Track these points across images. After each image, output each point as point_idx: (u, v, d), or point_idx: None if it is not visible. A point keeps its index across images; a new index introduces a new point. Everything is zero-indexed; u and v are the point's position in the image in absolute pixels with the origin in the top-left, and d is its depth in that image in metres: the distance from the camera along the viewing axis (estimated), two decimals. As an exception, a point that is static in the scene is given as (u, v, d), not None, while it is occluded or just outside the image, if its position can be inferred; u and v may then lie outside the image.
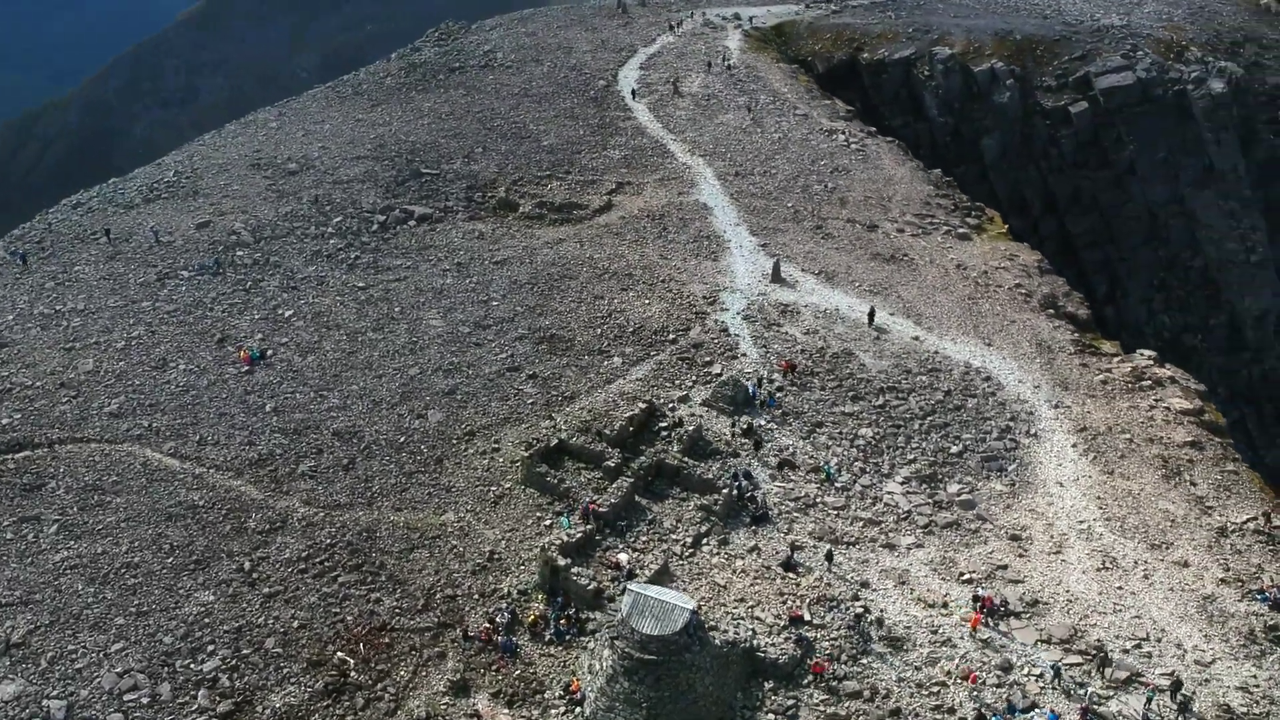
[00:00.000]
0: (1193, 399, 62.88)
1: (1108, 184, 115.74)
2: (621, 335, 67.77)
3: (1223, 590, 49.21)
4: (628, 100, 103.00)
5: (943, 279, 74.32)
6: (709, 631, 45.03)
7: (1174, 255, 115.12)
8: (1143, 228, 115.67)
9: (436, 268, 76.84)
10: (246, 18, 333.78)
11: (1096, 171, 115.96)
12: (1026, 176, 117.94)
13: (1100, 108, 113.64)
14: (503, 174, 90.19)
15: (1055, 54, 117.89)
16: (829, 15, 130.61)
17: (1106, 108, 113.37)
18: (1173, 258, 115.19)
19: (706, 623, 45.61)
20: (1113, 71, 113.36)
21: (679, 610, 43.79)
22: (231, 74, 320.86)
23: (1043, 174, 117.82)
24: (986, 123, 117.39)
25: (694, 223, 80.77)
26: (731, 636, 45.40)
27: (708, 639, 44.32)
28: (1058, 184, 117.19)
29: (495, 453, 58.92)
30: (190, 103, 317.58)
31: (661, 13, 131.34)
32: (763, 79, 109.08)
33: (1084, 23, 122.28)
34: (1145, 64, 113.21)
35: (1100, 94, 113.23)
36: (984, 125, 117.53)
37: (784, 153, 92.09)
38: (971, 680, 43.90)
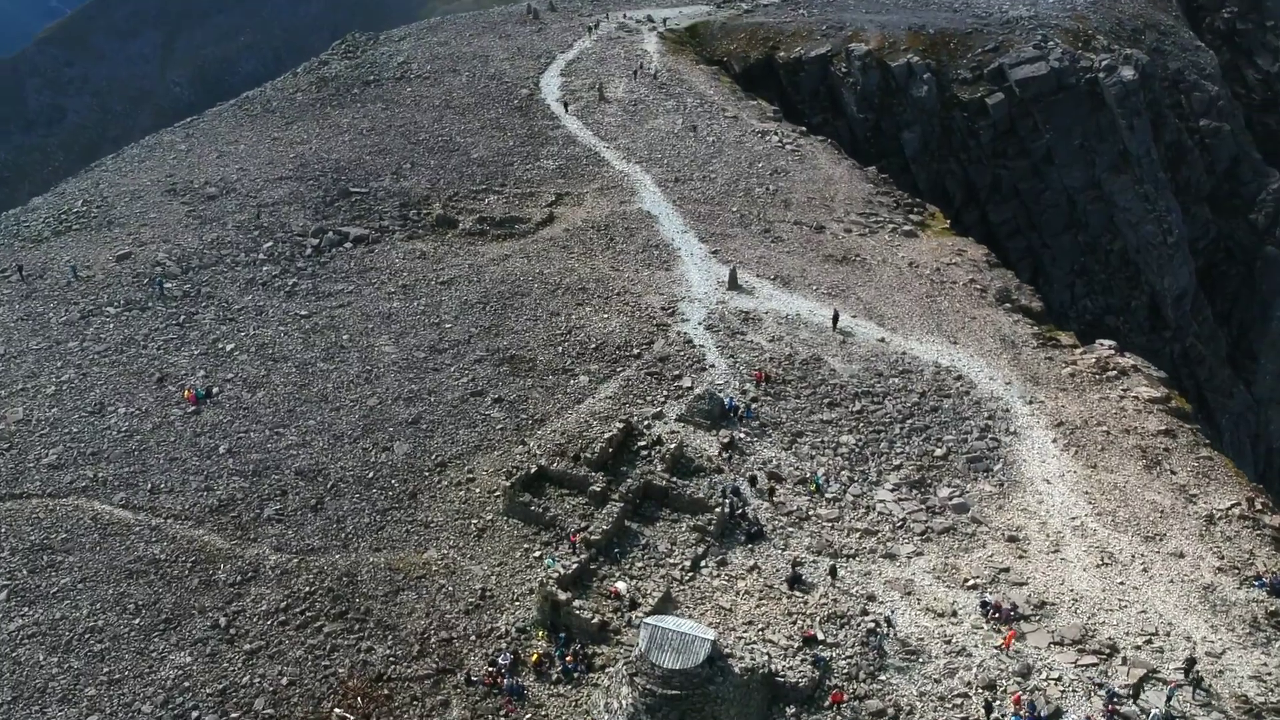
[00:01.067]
0: (1157, 386, 63.66)
1: (1026, 173, 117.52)
2: (584, 352, 66.00)
3: (1221, 579, 49.57)
4: (554, 108, 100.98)
5: (898, 278, 74.13)
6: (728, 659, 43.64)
7: (1093, 240, 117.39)
8: (1062, 214, 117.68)
9: (381, 291, 74.05)
10: (110, 34, 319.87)
11: (1015, 161, 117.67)
12: (947, 168, 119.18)
13: (1016, 98, 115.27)
14: (435, 190, 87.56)
15: (968, 47, 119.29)
16: (741, 15, 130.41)
17: (1022, 98, 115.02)
18: (1092, 242, 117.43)
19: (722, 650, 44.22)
20: (1026, 62, 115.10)
21: (700, 641, 42.36)
22: (98, 92, 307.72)
23: (963, 165, 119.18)
24: (906, 117, 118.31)
25: (640, 232, 79.32)
26: (749, 663, 44.05)
27: (729, 668, 42.95)
28: (978, 174, 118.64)
29: (470, 483, 56.73)
30: (57, 124, 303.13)
31: (573, 17, 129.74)
32: (687, 82, 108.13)
33: (993, 15, 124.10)
34: (1057, 54, 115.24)
35: (1015, 85, 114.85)
36: (903, 119, 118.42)
37: (720, 156, 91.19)
38: (1015, 701, 43.20)
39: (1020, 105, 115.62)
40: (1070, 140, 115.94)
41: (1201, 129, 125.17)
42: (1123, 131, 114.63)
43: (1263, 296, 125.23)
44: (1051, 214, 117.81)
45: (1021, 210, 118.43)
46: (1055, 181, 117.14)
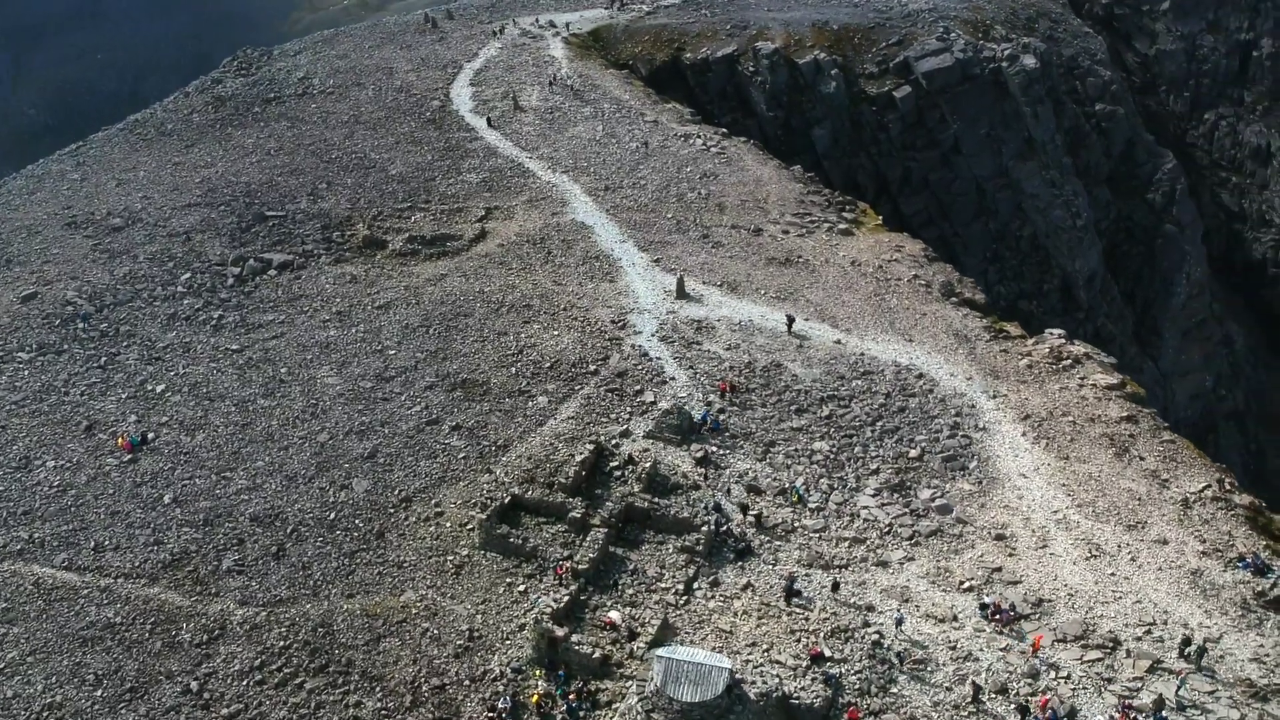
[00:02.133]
0: (1111, 373, 64.45)
1: (936, 163, 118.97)
2: (539, 372, 64.03)
3: (1206, 562, 50.14)
4: (470, 120, 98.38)
5: (843, 278, 73.82)
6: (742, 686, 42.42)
7: (1004, 226, 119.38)
8: (972, 203, 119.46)
9: (314, 319, 70.92)
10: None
11: (924, 152, 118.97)
12: (858, 163, 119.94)
13: (923, 90, 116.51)
14: (356, 209, 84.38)
15: (873, 41, 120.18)
16: (644, 17, 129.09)
17: (929, 90, 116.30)
18: (1003, 229, 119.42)
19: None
20: (931, 54, 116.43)
21: (717, 671, 41.08)
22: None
23: (873, 159, 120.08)
24: (815, 113, 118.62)
25: (578, 243, 77.53)
26: (763, 688, 42.90)
27: (746, 696, 41.73)
28: (889, 167, 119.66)
29: (440, 517, 54.46)
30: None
31: (472, 25, 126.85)
32: (601, 87, 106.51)
33: (894, 9, 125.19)
34: (960, 45, 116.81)
35: (922, 77, 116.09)
36: (813, 116, 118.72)
37: (647, 162, 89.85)
38: (1043, 704, 42.80)
39: (927, 97, 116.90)
40: (977, 129, 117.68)
41: (1098, 113, 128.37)
42: (1027, 119, 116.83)
43: (1163, 274, 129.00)
44: (962, 203, 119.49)
45: (933, 200, 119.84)
46: (964, 171, 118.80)
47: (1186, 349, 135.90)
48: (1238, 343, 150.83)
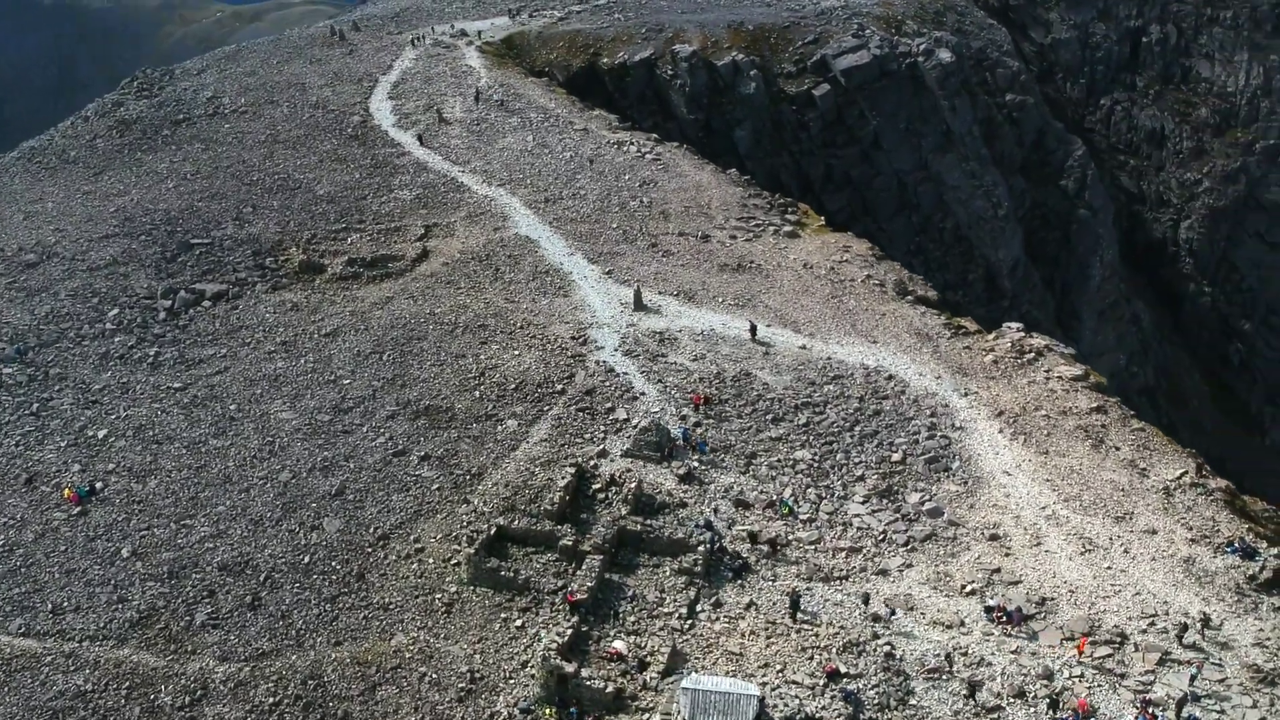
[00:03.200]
0: (1074, 364, 65.11)
1: (857, 159, 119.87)
2: (504, 394, 62.18)
3: (1196, 550, 50.71)
4: (394, 135, 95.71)
5: (797, 281, 73.40)
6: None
7: (926, 219, 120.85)
8: (894, 197, 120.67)
9: (259, 351, 67.92)
10: None
11: (845, 149, 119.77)
12: (781, 162, 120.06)
13: (842, 88, 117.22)
14: (287, 233, 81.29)
15: (789, 40, 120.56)
16: (556, 23, 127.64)
17: (847, 87, 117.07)
18: (925, 222, 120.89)
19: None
20: (849, 52, 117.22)
21: (746, 699, 40.01)
22: None
23: (795, 158, 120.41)
24: (736, 114, 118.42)
25: (525, 259, 75.75)
26: (785, 711, 41.96)
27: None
28: (810, 166, 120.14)
29: (421, 554, 52.32)
30: None
31: (381, 37, 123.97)
32: (524, 96, 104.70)
33: (808, 7, 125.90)
34: (876, 41, 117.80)
35: (840, 75, 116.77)
36: (734, 117, 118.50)
37: (583, 172, 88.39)
38: (1081, 706, 42.59)
39: (846, 94, 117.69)
40: (896, 124, 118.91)
41: (1008, 104, 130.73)
42: (945, 112, 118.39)
43: (1080, 258, 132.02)
44: (884, 198, 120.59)
45: (855, 197, 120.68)
46: (885, 166, 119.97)
47: (1102, 330, 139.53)
48: (1144, 320, 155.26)
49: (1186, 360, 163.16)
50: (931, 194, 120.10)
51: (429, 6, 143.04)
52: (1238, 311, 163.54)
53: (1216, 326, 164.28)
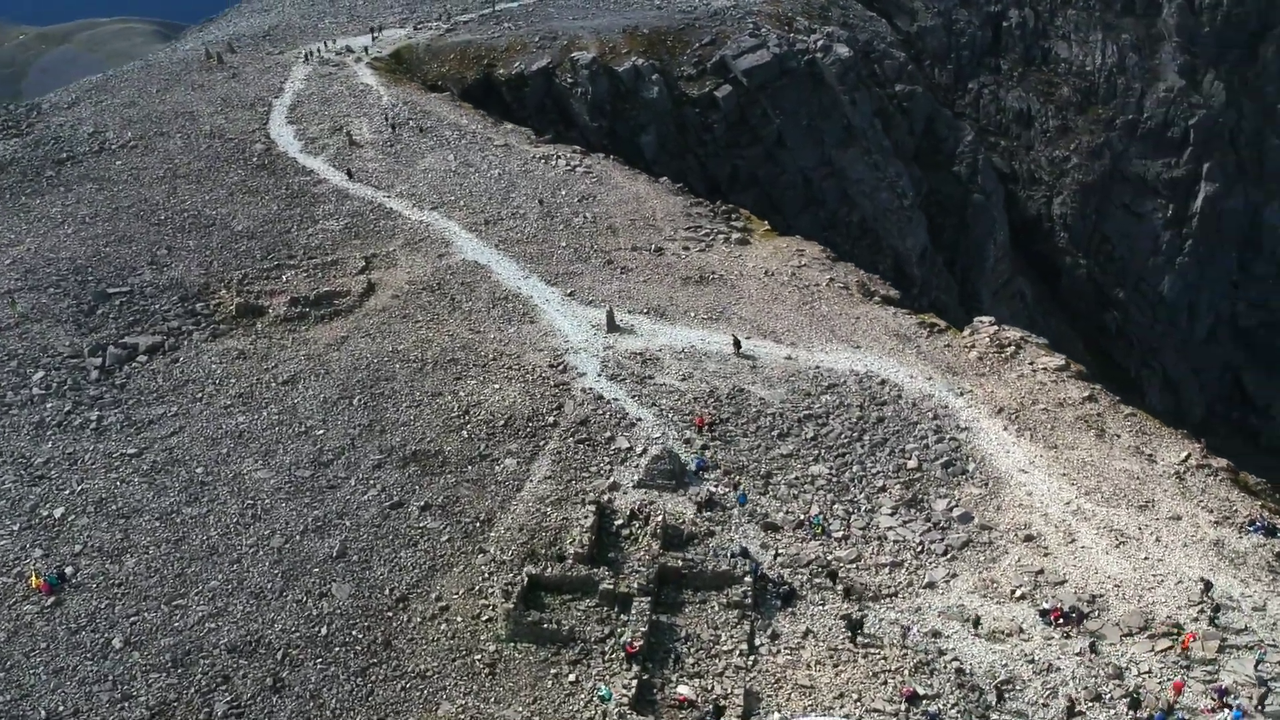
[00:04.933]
0: (1053, 354, 65.83)
1: (762, 159, 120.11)
2: (494, 432, 59.28)
3: (1222, 532, 51.59)
4: (303, 161, 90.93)
5: (764, 290, 72.35)
6: (869, 747, 40.13)
7: (833, 214, 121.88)
8: (800, 194, 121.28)
9: (214, 407, 63.20)
10: None
11: (749, 149, 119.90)
12: (687, 165, 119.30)
13: (743, 88, 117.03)
14: (212, 274, 76.14)
15: (686, 42, 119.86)
16: (444, 35, 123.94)
17: (749, 87, 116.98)
18: (832, 216, 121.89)
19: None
20: (748, 51, 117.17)
21: (854, 738, 38.49)
22: None
23: (701, 160, 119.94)
24: (640, 119, 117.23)
25: (480, 285, 72.67)
26: (881, 742, 40.72)
27: (880, 756, 39.42)
28: (716, 167, 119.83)
29: (447, 613, 49.27)
30: None
31: (262, 58, 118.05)
32: (431, 112, 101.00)
33: (699, 8, 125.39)
34: (774, 40, 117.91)
35: (741, 75, 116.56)
36: (638, 122, 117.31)
37: (517, 190, 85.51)
38: (1177, 688, 42.56)
39: (748, 94, 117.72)
40: (798, 122, 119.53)
41: (898, 94, 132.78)
42: (845, 107, 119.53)
43: (976, 240, 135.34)
44: (791, 195, 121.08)
45: (763, 196, 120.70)
46: (790, 164, 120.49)
47: (996, 308, 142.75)
48: (1028, 295, 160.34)
49: (1069, 331, 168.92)
50: (836, 188, 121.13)
51: (299, 23, 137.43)
52: (1111, 280, 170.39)
53: (1093, 296, 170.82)
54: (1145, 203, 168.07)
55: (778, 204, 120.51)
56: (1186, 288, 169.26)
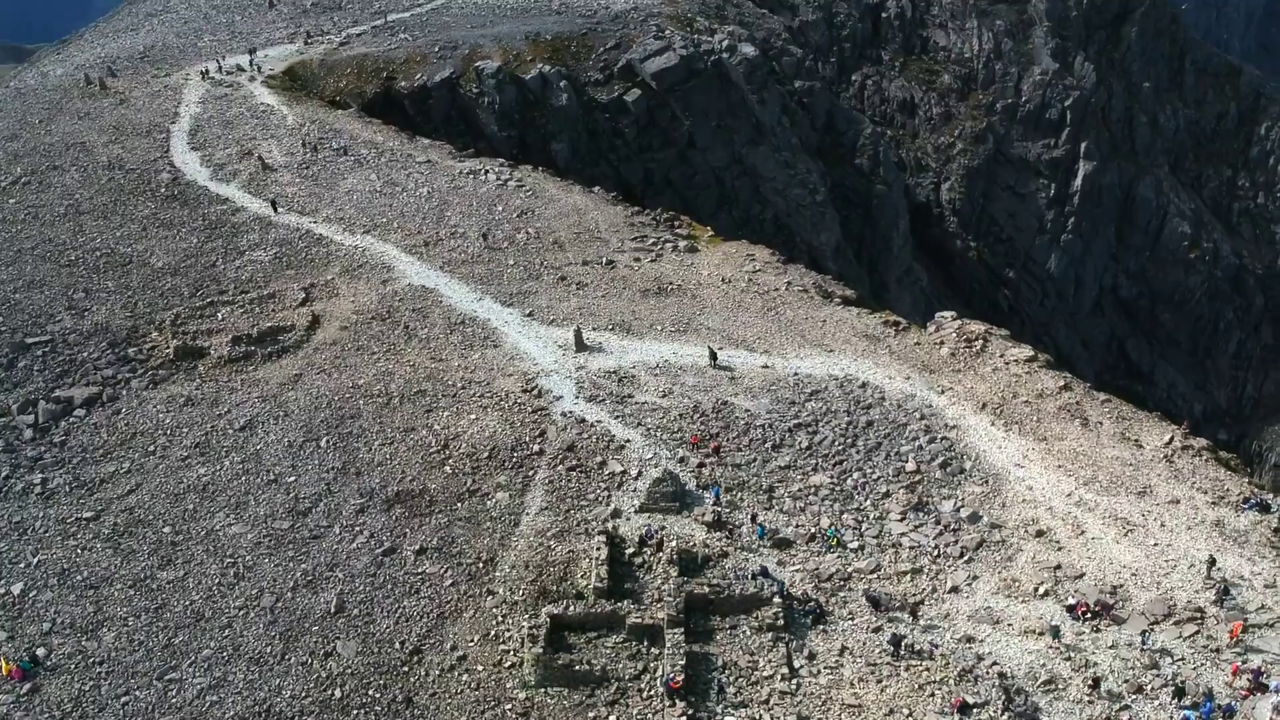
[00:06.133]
0: (1018, 344, 66.59)
1: (674, 161, 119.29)
2: (479, 465, 57.02)
3: (1221, 512, 52.72)
4: (215, 189, 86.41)
5: (725, 298, 71.53)
6: (941, 765, 39.53)
7: (746, 212, 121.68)
8: (714, 195, 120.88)
9: (169, 460, 59.25)
10: None
11: (661, 152, 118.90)
12: (600, 171, 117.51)
13: (652, 91, 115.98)
14: (139, 316, 71.59)
15: (590, 47, 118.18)
16: (338, 49, 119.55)
17: (658, 90, 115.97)
18: (746, 215, 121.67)
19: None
20: (655, 55, 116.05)
21: (935, 759, 37.78)
22: None
23: (614, 165, 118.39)
24: (551, 128, 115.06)
25: (432, 311, 70.03)
26: (947, 758, 40.19)
27: (955, 774, 38.85)
28: (630, 172, 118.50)
29: (465, 662, 47.11)
30: None
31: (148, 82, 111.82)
32: (342, 130, 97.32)
33: (599, 12, 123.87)
34: (680, 42, 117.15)
35: (650, 78, 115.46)
36: (549, 131, 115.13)
37: (451, 208, 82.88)
38: (1234, 671, 43.01)
39: (657, 97, 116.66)
40: (708, 122, 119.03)
41: (798, 90, 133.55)
42: (753, 105, 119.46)
43: (882, 231, 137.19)
44: (705, 196, 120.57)
45: (677, 198, 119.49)
46: (702, 165, 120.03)
47: (900, 296, 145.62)
48: (924, 281, 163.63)
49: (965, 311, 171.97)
50: (749, 187, 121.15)
51: (176, 43, 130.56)
52: (1001, 261, 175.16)
53: (985, 277, 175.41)
54: (1028, 183, 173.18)
55: (692, 205, 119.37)
56: (1071, 263, 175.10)
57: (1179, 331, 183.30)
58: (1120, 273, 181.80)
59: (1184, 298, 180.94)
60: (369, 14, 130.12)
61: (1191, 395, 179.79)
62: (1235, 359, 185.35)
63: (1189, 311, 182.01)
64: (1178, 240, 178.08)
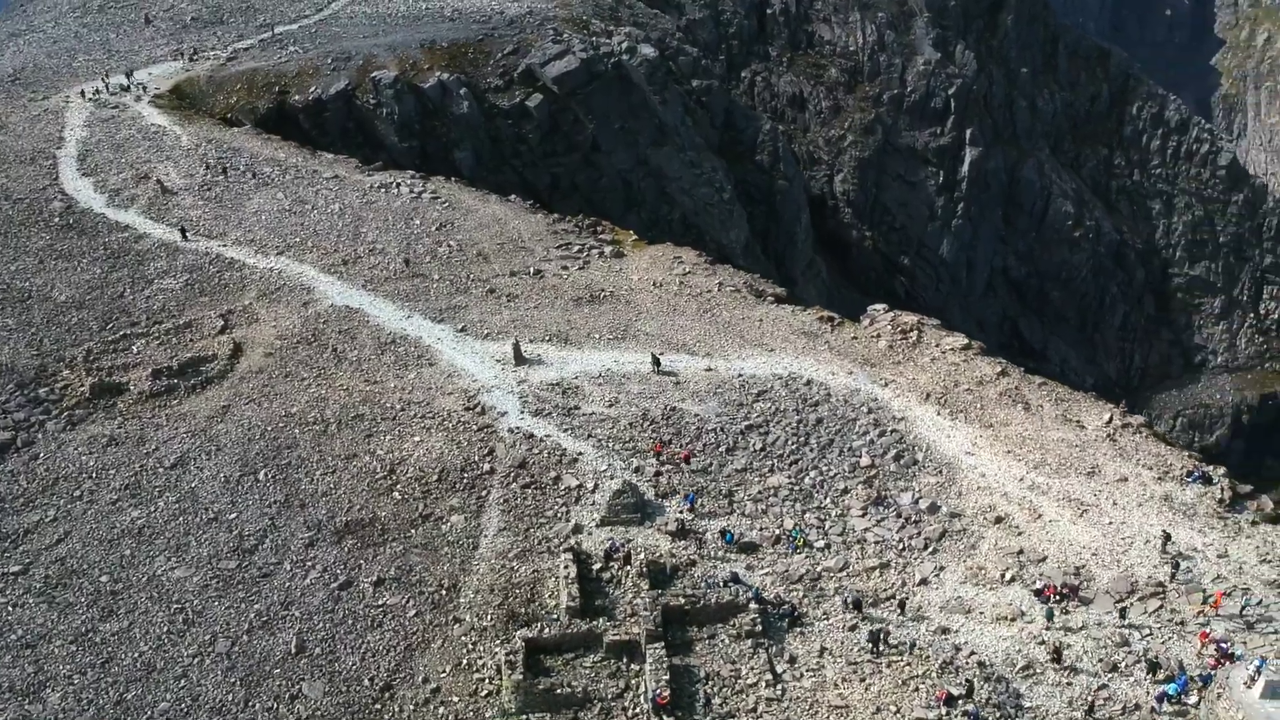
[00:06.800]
0: (951, 333, 67.51)
1: (579, 165, 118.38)
2: (429, 489, 55.49)
3: (1167, 486, 54.12)
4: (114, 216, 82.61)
5: (659, 303, 71.00)
6: (939, 760, 39.61)
7: (654, 213, 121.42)
8: (620, 197, 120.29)
9: (98, 504, 56.27)
10: None
11: (566, 156, 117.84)
12: (505, 178, 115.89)
13: (554, 95, 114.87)
14: (46, 353, 67.93)
15: (487, 53, 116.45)
16: (226, 64, 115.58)
17: (559, 94, 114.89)
18: (654, 216, 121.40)
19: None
20: (555, 59, 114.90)
21: (938, 756, 37.81)
22: None
23: (518, 171, 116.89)
24: (453, 136, 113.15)
25: (359, 332, 67.99)
26: (942, 752, 40.31)
27: (955, 769, 38.97)
28: (535, 177, 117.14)
29: (439, 695, 45.85)
30: None
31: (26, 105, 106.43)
32: (241, 149, 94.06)
33: (493, 18, 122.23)
34: (579, 45, 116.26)
35: (551, 82, 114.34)
36: (451, 139, 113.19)
37: (365, 224, 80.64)
38: (1202, 639, 44.05)
39: (559, 101, 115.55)
40: (611, 125, 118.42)
41: (696, 89, 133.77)
42: (655, 106, 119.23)
43: (786, 226, 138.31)
44: (612, 198, 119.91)
45: (584, 203, 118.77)
46: (607, 167, 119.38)
47: (806, 289, 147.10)
48: (823, 272, 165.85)
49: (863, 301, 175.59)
50: (655, 188, 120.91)
51: (49, 63, 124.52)
52: (895, 249, 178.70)
53: (880, 266, 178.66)
54: (918, 171, 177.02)
55: (599, 208, 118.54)
56: (963, 248, 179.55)
57: (1067, 308, 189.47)
58: (1009, 254, 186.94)
59: (1070, 275, 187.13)
60: (253, 27, 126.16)
61: (1083, 369, 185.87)
62: (1121, 332, 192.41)
63: (1075, 289, 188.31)
64: (1062, 220, 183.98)
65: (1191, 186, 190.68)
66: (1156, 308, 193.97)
